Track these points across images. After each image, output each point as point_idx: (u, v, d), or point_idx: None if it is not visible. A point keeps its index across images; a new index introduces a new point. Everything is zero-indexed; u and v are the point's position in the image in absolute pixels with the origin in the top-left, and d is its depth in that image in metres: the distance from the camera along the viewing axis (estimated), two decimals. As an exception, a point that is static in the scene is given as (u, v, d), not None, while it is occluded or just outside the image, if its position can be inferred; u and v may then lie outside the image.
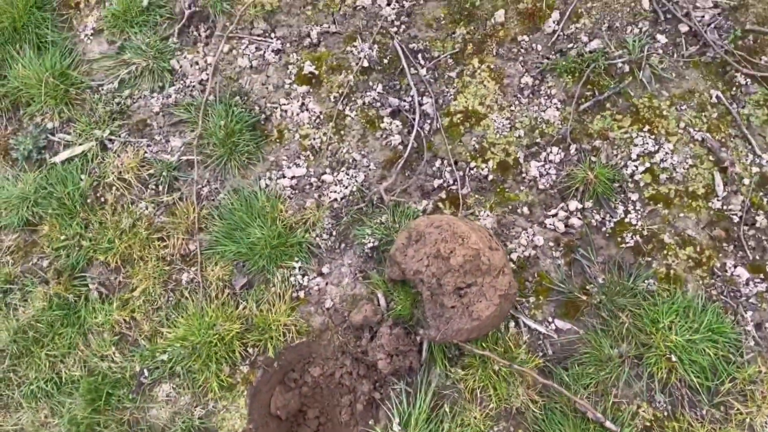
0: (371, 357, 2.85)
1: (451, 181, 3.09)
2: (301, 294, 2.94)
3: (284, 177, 3.15)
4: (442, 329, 2.64)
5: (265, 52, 3.38)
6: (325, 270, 2.98)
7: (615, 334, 2.76)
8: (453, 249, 2.53)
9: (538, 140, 3.10)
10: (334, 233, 3.03)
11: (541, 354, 2.81)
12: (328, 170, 3.15)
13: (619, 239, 2.92)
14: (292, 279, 2.95)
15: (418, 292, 2.75)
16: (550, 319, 2.85)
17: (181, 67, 3.40)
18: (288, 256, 2.98)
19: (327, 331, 2.91)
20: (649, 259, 2.87)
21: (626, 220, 2.93)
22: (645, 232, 2.90)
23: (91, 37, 3.50)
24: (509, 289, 2.61)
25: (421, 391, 2.80)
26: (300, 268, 2.97)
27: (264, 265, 2.97)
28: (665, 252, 2.87)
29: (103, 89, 3.40)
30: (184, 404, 2.82)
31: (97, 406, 2.81)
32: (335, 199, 3.08)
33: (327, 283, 2.96)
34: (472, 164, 3.09)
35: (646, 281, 2.83)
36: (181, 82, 3.38)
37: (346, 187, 3.09)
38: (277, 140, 3.22)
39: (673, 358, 2.65)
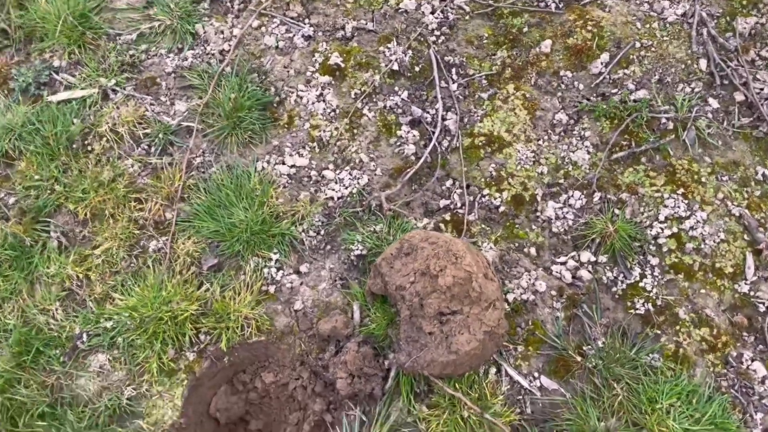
0: (331, 374, 2.61)
1: (458, 204, 2.90)
2: (271, 289, 2.73)
3: (284, 164, 2.99)
4: (414, 356, 2.40)
5: (295, 35, 3.27)
6: (303, 269, 2.78)
7: (605, 405, 2.50)
8: (444, 267, 2.31)
9: (561, 181, 2.91)
10: (322, 232, 2.83)
11: (518, 410, 2.55)
12: (331, 166, 2.99)
13: (629, 303, 2.69)
14: (265, 271, 2.75)
15: (397, 311, 2.52)
16: (536, 374, 2.60)
17: (205, 32, 3.30)
18: (267, 246, 2.79)
19: (290, 335, 2.69)
20: (659, 332, 2.63)
21: (641, 284, 2.70)
22: (659, 302, 2.66)
23: (121, -14, 3.43)
24: (497, 328, 2.38)
25: (378, 424, 2.54)
26: (277, 261, 2.77)
27: (239, 250, 2.78)
28: (678, 328, 2.63)
29: (120, 39, 3.30)
30: (116, 380, 2.59)
31: (22, 362, 2.60)
32: (332, 197, 2.90)
33: (302, 283, 2.75)
34: (486, 191, 2.90)
35: (650, 355, 2.58)
36: (202, 47, 3.27)
37: (346, 188, 2.92)
38: (286, 125, 3.07)
39: (666, 446, 2.37)
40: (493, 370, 2.59)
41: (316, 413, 2.67)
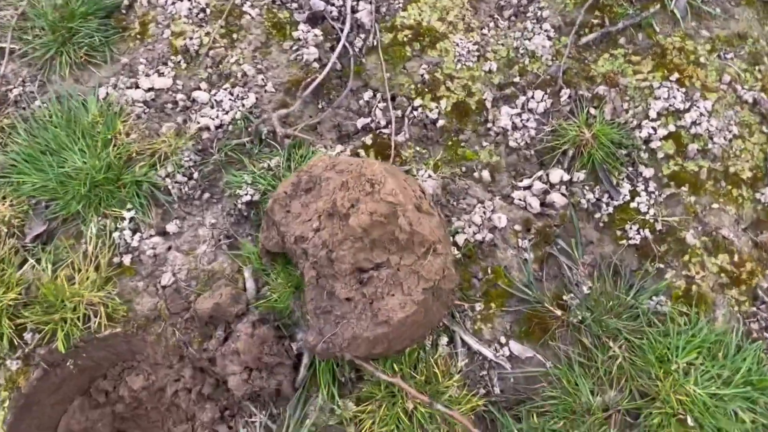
0: (221, 369, 1.86)
1: (383, 123, 2.15)
2: (126, 260, 1.94)
3: (137, 87, 2.18)
4: (328, 334, 1.67)
5: None
6: (171, 228, 2.00)
7: (600, 372, 1.82)
8: (356, 201, 1.56)
9: (516, 79, 2.18)
10: (195, 175, 2.05)
11: (482, 391, 1.86)
12: (203, 85, 2.18)
13: (619, 232, 2.00)
14: (116, 236, 1.96)
15: (301, 273, 1.78)
16: (503, 340, 1.90)
17: None
18: (117, 201, 2.00)
19: (159, 321, 1.91)
20: (662, 266, 1.95)
21: (633, 205, 2.02)
22: (659, 226, 1.98)
23: None
24: (443, 281, 1.65)
25: (289, 431, 1.81)
26: (132, 220, 1.99)
27: (78, 209, 1.98)
28: (686, 258, 1.96)
29: None
30: None
31: None
32: (206, 127, 2.11)
33: (170, 248, 1.98)
34: (417, 102, 2.15)
35: (654, 298, 1.91)
36: (17, -58, 2.38)
37: (226, 112, 2.13)
38: (138, 36, 2.25)
39: (689, 421, 1.71)
40: (444, 339, 1.88)
41: (206, 425, 1.92)
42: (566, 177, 2.05)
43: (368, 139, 2.12)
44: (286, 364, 1.85)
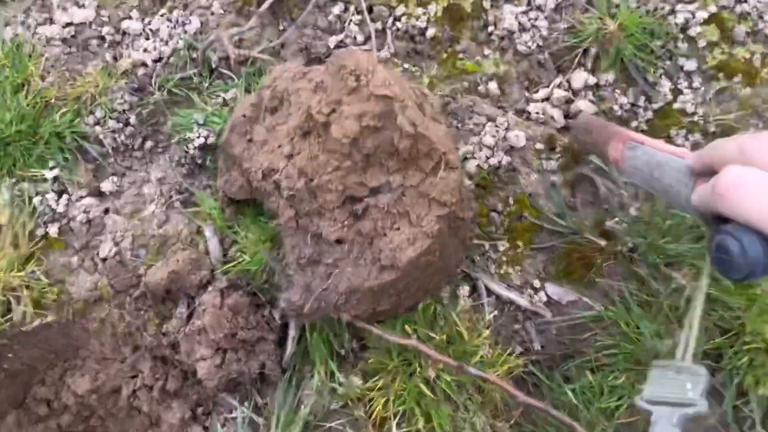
0: (186, 355, 1.46)
1: (360, 39, 1.76)
2: (53, 230, 1.54)
3: (52, 23, 1.76)
4: (317, 290, 1.27)
5: None
6: (107, 186, 1.59)
7: (665, 310, 1.45)
8: (338, 103, 1.17)
9: (516, -28, 1.80)
10: (132, 120, 1.64)
11: (519, 349, 1.48)
12: (134, 13, 1.78)
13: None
14: (36, 201, 1.54)
15: (275, 216, 1.38)
16: (537, 283, 1.53)
17: None
18: (36, 159, 1.58)
19: (101, 303, 1.51)
20: (721, 174, 1.57)
21: (676, 105, 1.65)
22: (712, 128, 1.63)
23: None
24: (460, 207, 1.27)
25: (281, 423, 1.42)
26: (56, 180, 1.57)
27: (-13, 173, 1.56)
28: (749, 162, 1.58)
29: None
30: None
31: None
32: (143, 63, 1.70)
33: (107, 211, 1.58)
34: (400, 10, 1.77)
35: (718, 212, 1.53)
36: None
37: (166, 42, 1.73)
38: (50, -37, 1.82)
39: (789, 357, 1.34)
40: (466, 289, 1.50)
41: (174, 427, 1.52)
42: (592, 80, 1.68)
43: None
44: (269, 338, 1.46)
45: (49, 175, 1.57)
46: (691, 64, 1.68)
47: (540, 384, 1.48)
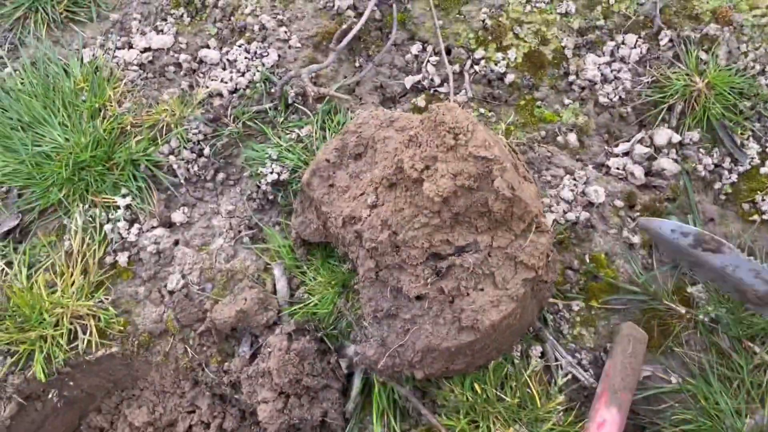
0: (246, 396, 1.44)
1: (437, 81, 1.74)
2: (122, 258, 1.54)
3: (131, 47, 1.78)
4: (393, 346, 1.25)
5: None
6: (177, 217, 1.59)
7: (747, 385, 1.39)
8: (433, 159, 1.15)
9: (599, 22, 1.77)
10: (206, 151, 1.64)
11: (592, 416, 1.43)
12: (212, 42, 1.78)
13: (747, 206, 1.59)
14: (107, 228, 1.54)
15: (352, 266, 1.37)
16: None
17: None
18: (109, 185, 1.59)
19: (166, 336, 1.50)
20: (810, 245, 1.53)
21: (764, 170, 1.59)
22: (800, 195, 1.56)
23: None
24: (546, 270, 1.24)
25: (341, 476, 1.39)
26: (128, 208, 1.58)
27: (60, 198, 1.57)
28: (841, 234, 1.54)
29: None
30: None
31: None
32: (219, 93, 1.70)
33: (177, 243, 1.57)
34: (479, 53, 1.75)
35: (806, 286, 1.48)
36: None
37: (242, 74, 1.73)
38: (131, -13, 1.85)
39: None
40: (538, 349, 1.46)
41: (230, 469, 1.50)
42: (676, 138, 1.64)
43: (420, 101, 1.72)
44: (334, 387, 1.44)
45: (121, 202, 1.57)
46: (781, 128, 1.63)
47: (610, 454, 1.43)
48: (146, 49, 1.78)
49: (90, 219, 1.57)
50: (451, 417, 1.39)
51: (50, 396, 1.50)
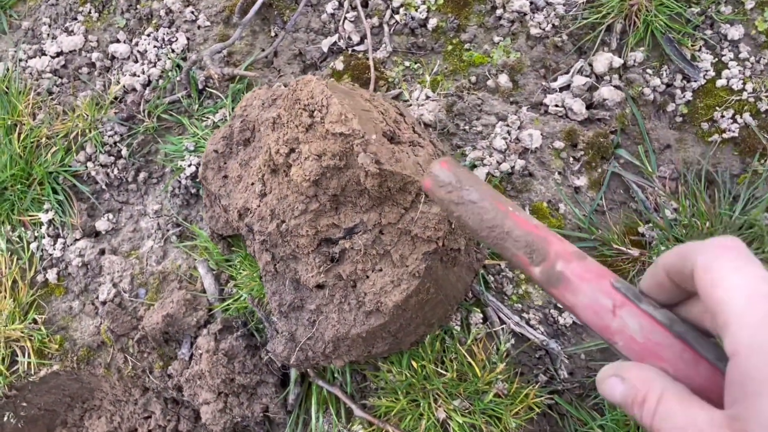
0: (189, 398, 1.42)
1: (355, 38, 1.62)
2: (51, 275, 1.52)
3: (43, 54, 1.72)
4: (303, 339, 1.19)
5: None
6: (102, 225, 1.56)
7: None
8: (296, 142, 1.06)
9: (526, -58, 1.60)
10: (123, 152, 1.59)
11: (543, 378, 1.35)
12: (121, 35, 1.71)
13: (705, 125, 1.42)
14: (34, 246, 1.52)
15: (254, 257, 1.30)
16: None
17: None
18: (33, 202, 1.56)
19: (105, 348, 1.49)
20: (778, 161, 1.37)
21: (720, 82, 1.42)
22: (764, 105, 1.39)
23: None
24: (453, 239, 1.14)
25: (289, 469, 1.36)
26: (50, 223, 1.55)
27: (-13, 221, 1.56)
28: (813, 144, 1.36)
29: None
30: None
31: None
32: (131, 88, 1.63)
33: (104, 252, 1.54)
34: (397, 1, 1.61)
35: (773, 209, 1.33)
36: None
37: (154, 64, 1.65)
38: (37, -9, 1.79)
39: None
40: (478, 315, 1.36)
41: (190, 469, 1.50)
42: (618, 61, 1.47)
43: (339, 64, 1.61)
44: (269, 381, 1.39)
45: (44, 218, 1.55)
46: (736, 31, 1.44)
47: (567, 415, 1.35)
48: (58, 54, 1.73)
49: (17, 239, 1.55)
50: (390, 398, 1.33)
51: (6, 418, 1.52)
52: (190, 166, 1.53)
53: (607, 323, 0.58)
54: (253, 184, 1.22)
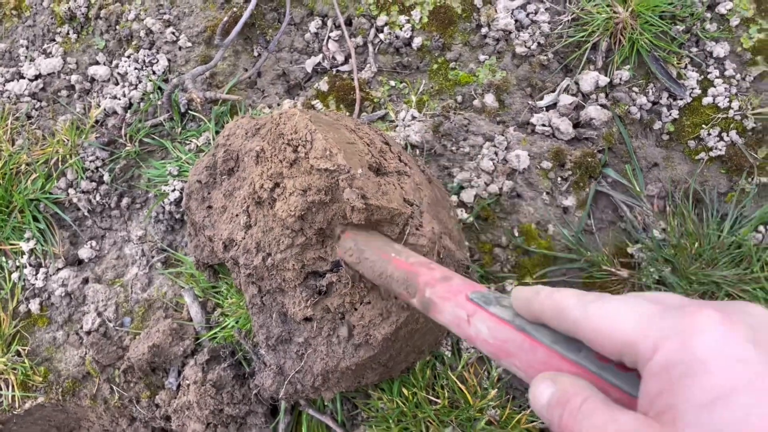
0: (177, 429, 1.40)
1: (339, 59, 1.60)
2: (34, 306, 1.49)
3: (21, 77, 1.69)
4: (291, 373, 1.17)
5: None
6: (84, 253, 1.53)
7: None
8: (280, 176, 1.04)
9: (510, -41, 1.59)
10: (105, 177, 1.56)
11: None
12: (101, 57, 1.68)
13: (692, 143, 1.42)
14: (15, 277, 1.49)
15: (238, 290, 1.28)
16: (553, 326, 1.35)
17: None
18: (15, 231, 1.53)
19: (91, 378, 1.46)
20: (765, 179, 1.36)
21: (706, 100, 1.42)
22: (750, 123, 1.39)
23: None
24: (444, 265, 1.12)
25: (281, 500, 1.35)
26: (32, 251, 1.52)
27: (-33, 251, 1.53)
28: (799, 162, 1.36)
29: None
30: None
31: None
32: (112, 111, 1.61)
33: (87, 280, 1.51)
34: (381, 20, 1.60)
35: (762, 228, 1.33)
36: None
37: (135, 86, 1.63)
38: (14, 11, 1.75)
39: None
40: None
41: (180, 500, 1.47)
42: (604, 80, 1.47)
43: (324, 84, 1.59)
44: (258, 412, 1.38)
45: (25, 247, 1.52)
46: (722, 48, 1.44)
47: (560, 440, 1.34)
48: (36, 77, 1.70)
49: (-3, 269, 1.53)
50: (381, 427, 1.31)
51: (-10, 453, 1.50)
52: (173, 191, 1.51)
53: (467, 332, 0.65)
54: (237, 215, 1.20)
